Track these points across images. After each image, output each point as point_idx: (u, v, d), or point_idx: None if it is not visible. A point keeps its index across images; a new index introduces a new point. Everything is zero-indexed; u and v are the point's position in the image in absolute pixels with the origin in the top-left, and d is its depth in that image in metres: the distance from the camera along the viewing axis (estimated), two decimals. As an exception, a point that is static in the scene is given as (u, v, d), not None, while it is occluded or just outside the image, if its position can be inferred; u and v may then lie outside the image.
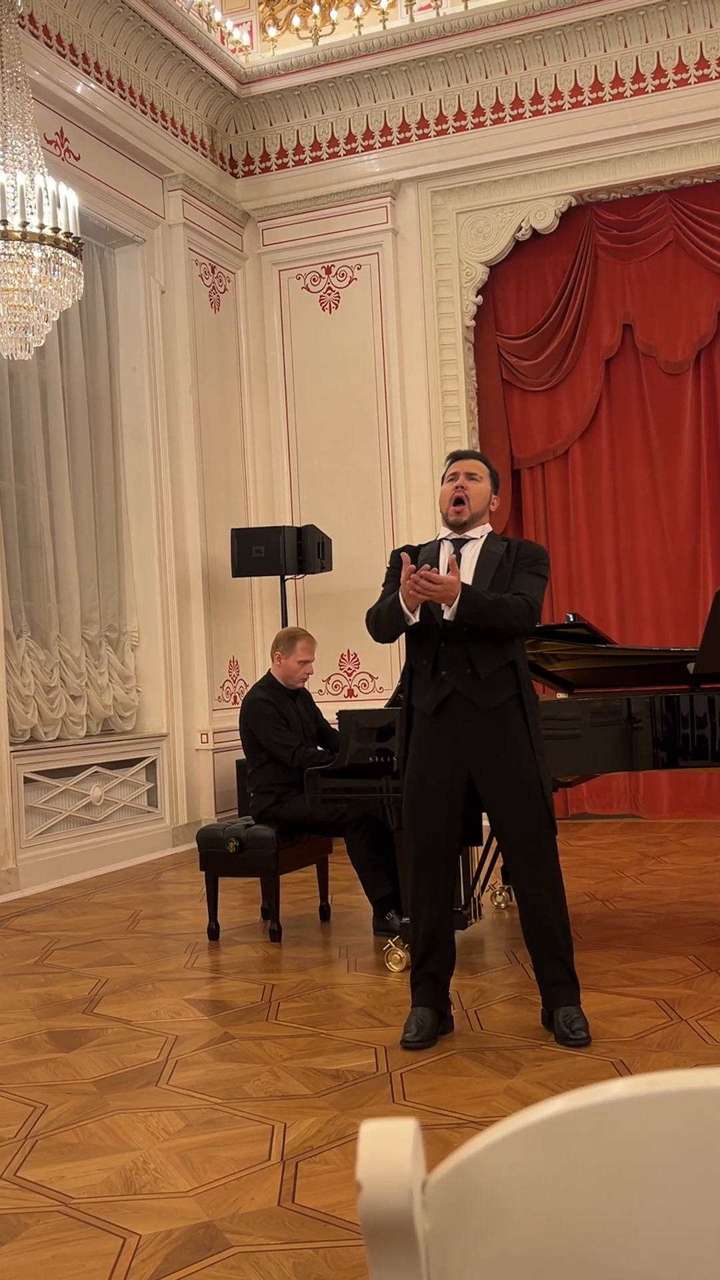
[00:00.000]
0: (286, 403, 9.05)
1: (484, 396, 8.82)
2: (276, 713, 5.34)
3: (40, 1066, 3.65)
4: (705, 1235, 0.73)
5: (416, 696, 3.73)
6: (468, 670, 3.62)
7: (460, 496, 3.76)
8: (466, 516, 3.77)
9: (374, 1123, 0.76)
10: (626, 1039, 3.62)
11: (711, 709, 4.49)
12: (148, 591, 8.22)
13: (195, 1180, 2.76)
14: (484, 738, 3.64)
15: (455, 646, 3.63)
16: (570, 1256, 0.75)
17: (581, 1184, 0.74)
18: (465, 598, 3.53)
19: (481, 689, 3.62)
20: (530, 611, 3.61)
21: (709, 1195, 0.73)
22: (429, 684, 3.68)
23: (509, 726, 3.64)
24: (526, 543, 3.83)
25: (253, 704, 5.39)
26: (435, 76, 8.47)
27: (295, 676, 5.50)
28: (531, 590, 3.66)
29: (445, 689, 3.65)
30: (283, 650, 5.50)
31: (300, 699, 5.56)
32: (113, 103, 7.81)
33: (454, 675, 3.64)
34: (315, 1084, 3.37)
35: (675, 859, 6.79)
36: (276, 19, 8.87)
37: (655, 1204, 0.74)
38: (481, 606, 3.54)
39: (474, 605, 3.53)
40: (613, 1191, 0.74)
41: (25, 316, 5.87)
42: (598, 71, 8.16)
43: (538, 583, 3.70)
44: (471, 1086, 3.29)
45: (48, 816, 7.10)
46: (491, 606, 3.55)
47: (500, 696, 3.64)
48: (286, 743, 5.25)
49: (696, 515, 8.34)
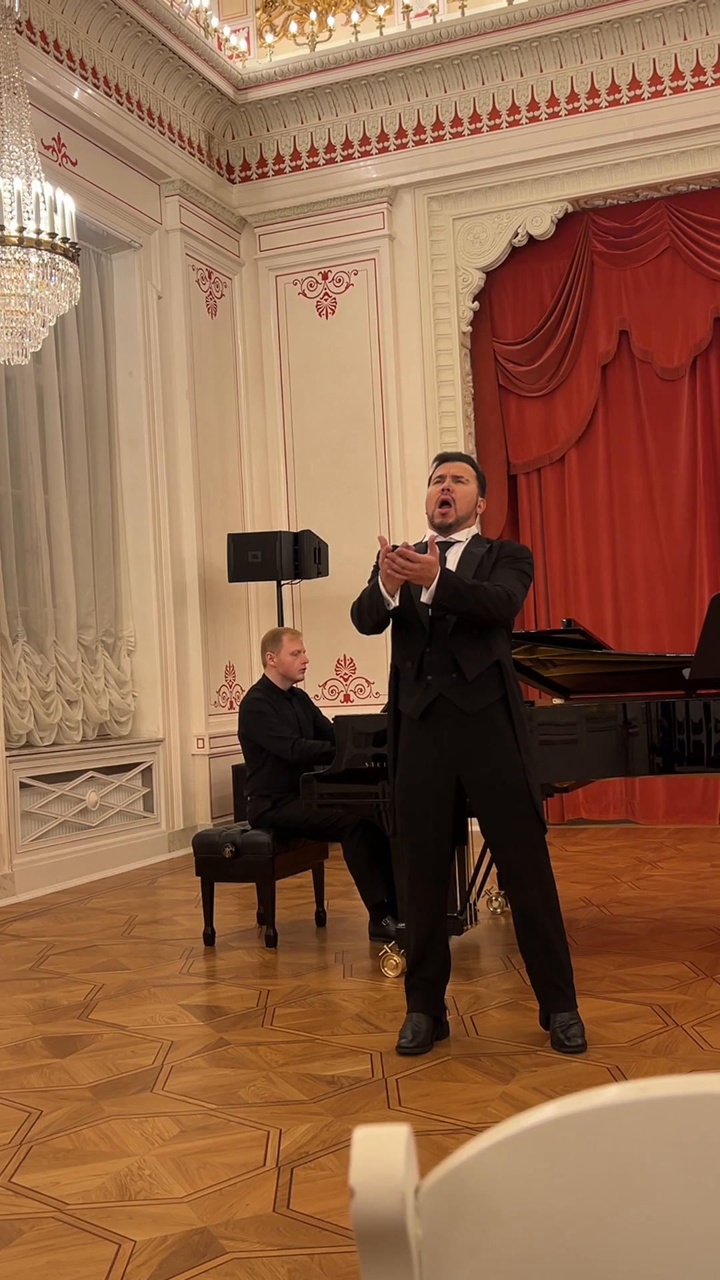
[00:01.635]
0: (283, 408, 9.06)
1: (480, 402, 8.83)
2: (272, 711, 5.38)
3: (35, 1072, 3.64)
4: (697, 1240, 0.73)
5: (403, 701, 3.73)
6: (453, 674, 3.62)
7: (446, 500, 3.76)
8: (452, 518, 3.77)
9: (367, 1128, 0.76)
10: (622, 1045, 3.62)
11: (707, 714, 4.49)
12: (144, 596, 8.22)
13: (190, 1186, 2.75)
14: (471, 741, 3.64)
15: (440, 649, 3.63)
16: (563, 1262, 0.75)
17: (574, 1189, 0.75)
18: (443, 580, 3.52)
19: (467, 692, 3.62)
20: (509, 600, 3.60)
21: (701, 1200, 0.73)
22: (414, 688, 3.68)
23: (496, 729, 3.64)
24: (509, 542, 3.84)
25: (249, 704, 5.42)
26: (432, 83, 8.49)
27: (293, 669, 5.52)
28: (509, 582, 3.65)
29: (431, 693, 3.64)
30: (271, 650, 5.54)
31: (296, 699, 5.58)
32: (110, 108, 7.82)
33: (439, 679, 3.63)
34: (310, 1090, 3.37)
35: (671, 864, 6.80)
36: (273, 25, 8.88)
37: (648, 1209, 0.74)
38: (460, 589, 3.53)
39: (452, 587, 3.53)
40: (605, 1197, 0.74)
41: (22, 322, 5.88)
42: (594, 78, 8.18)
43: (517, 576, 3.69)
44: (467, 1092, 3.29)
45: (43, 821, 7.09)
46: (470, 590, 3.54)
47: (486, 699, 3.63)
48: (283, 735, 5.27)
49: (692, 521, 8.35)
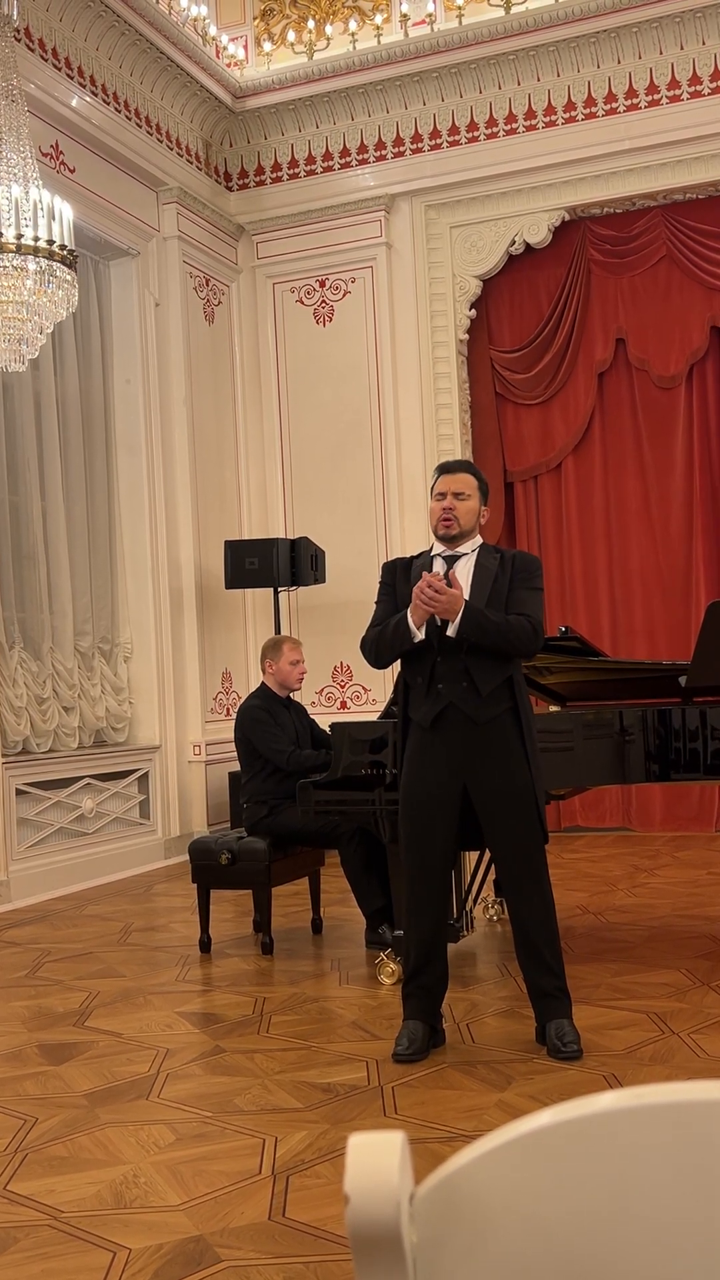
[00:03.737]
0: (280, 415, 9.07)
1: (477, 409, 8.84)
2: (271, 719, 5.38)
3: (30, 1079, 3.64)
4: (693, 1246, 0.73)
5: (413, 709, 3.73)
6: (464, 684, 3.62)
7: (449, 518, 3.77)
8: (456, 531, 3.78)
9: (362, 1135, 0.76)
10: (618, 1052, 3.62)
11: (703, 722, 4.50)
12: (141, 603, 8.22)
13: (186, 1194, 2.75)
14: (479, 749, 3.64)
15: (452, 660, 3.63)
16: (558, 1268, 0.75)
17: (569, 1196, 0.75)
18: (468, 614, 3.53)
19: (478, 701, 3.63)
20: (535, 634, 3.62)
21: (696, 1207, 0.73)
22: (425, 697, 3.68)
23: (505, 738, 3.65)
24: (520, 554, 3.82)
25: (247, 710, 5.42)
26: (429, 91, 8.51)
27: (291, 678, 5.52)
28: (533, 609, 3.66)
29: (441, 702, 3.65)
30: (271, 657, 5.54)
31: (293, 709, 5.58)
32: (108, 116, 7.83)
33: (450, 689, 3.64)
34: (306, 1097, 3.36)
35: (667, 872, 6.79)
36: (271, 34, 8.90)
37: (643, 1215, 0.74)
38: (485, 625, 3.55)
39: (477, 623, 3.54)
40: (600, 1203, 0.74)
41: (20, 328, 5.89)
42: (591, 87, 8.20)
43: (537, 598, 3.70)
44: (463, 1100, 3.28)
45: (39, 828, 7.09)
46: (496, 628, 3.55)
47: (496, 709, 3.64)
48: (281, 746, 5.28)
49: (689, 528, 8.36)
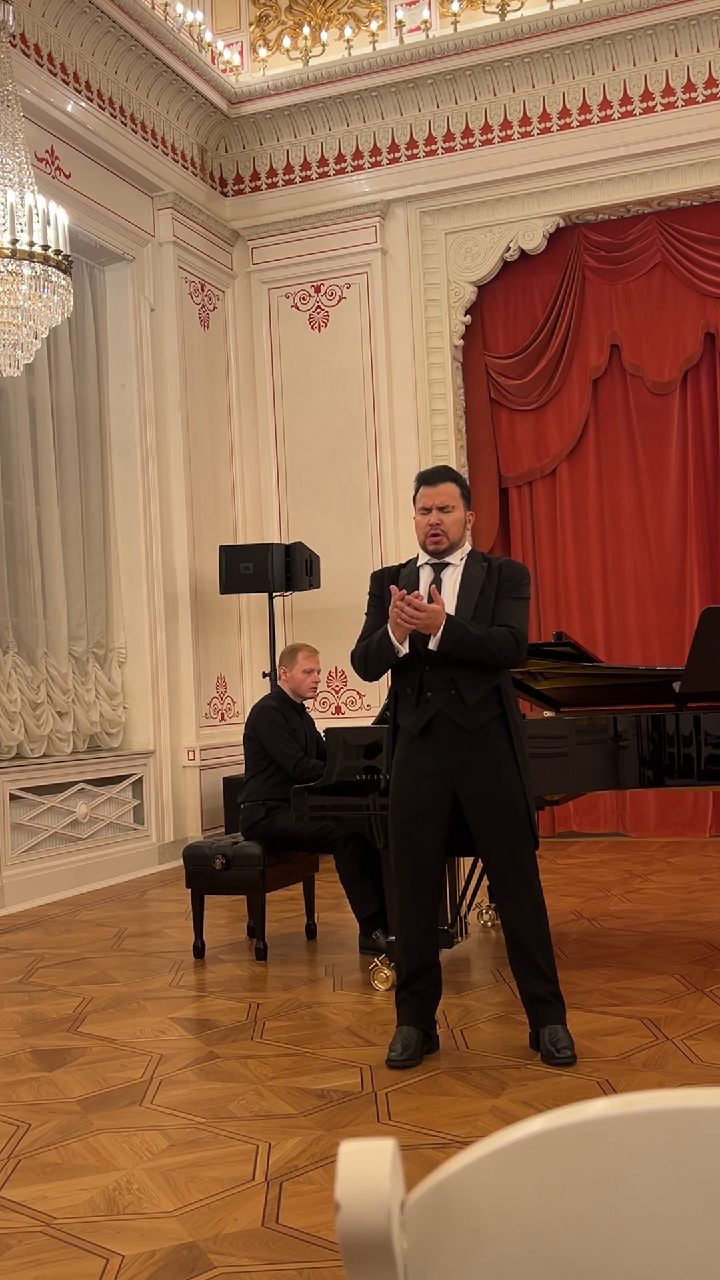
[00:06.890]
0: (275, 420, 9.07)
1: (472, 415, 8.86)
2: (284, 721, 5.44)
3: (23, 1085, 3.63)
4: (685, 1253, 0.73)
5: (402, 717, 3.74)
6: (452, 692, 3.63)
7: (437, 534, 3.77)
8: (445, 545, 3.78)
9: (353, 1142, 0.76)
10: (612, 1058, 3.62)
11: (697, 728, 4.50)
12: (135, 608, 8.21)
13: (179, 1200, 2.74)
14: (469, 757, 3.64)
15: (440, 669, 3.63)
16: (549, 1275, 0.75)
17: (561, 1203, 0.75)
18: (449, 629, 3.53)
19: (466, 711, 3.63)
20: (517, 645, 3.60)
21: (688, 1213, 0.73)
22: (414, 706, 3.68)
23: (494, 745, 3.65)
24: (508, 563, 3.80)
25: (263, 710, 5.49)
26: (425, 98, 8.53)
27: (303, 686, 5.58)
28: (517, 620, 3.65)
29: (430, 710, 3.65)
30: (286, 664, 5.63)
31: (305, 718, 5.64)
32: (103, 121, 7.84)
33: (439, 697, 3.64)
34: (300, 1103, 3.36)
35: (661, 878, 6.80)
36: (267, 40, 8.92)
37: (634, 1222, 0.74)
38: (466, 639, 3.54)
39: (458, 638, 3.53)
40: (592, 1210, 0.74)
41: (14, 333, 5.89)
42: (586, 94, 8.22)
43: (521, 608, 3.69)
44: (457, 1106, 3.28)
45: (33, 833, 7.07)
46: (477, 641, 3.54)
47: (485, 716, 3.64)
48: (290, 750, 5.35)
49: (683, 534, 8.38)
